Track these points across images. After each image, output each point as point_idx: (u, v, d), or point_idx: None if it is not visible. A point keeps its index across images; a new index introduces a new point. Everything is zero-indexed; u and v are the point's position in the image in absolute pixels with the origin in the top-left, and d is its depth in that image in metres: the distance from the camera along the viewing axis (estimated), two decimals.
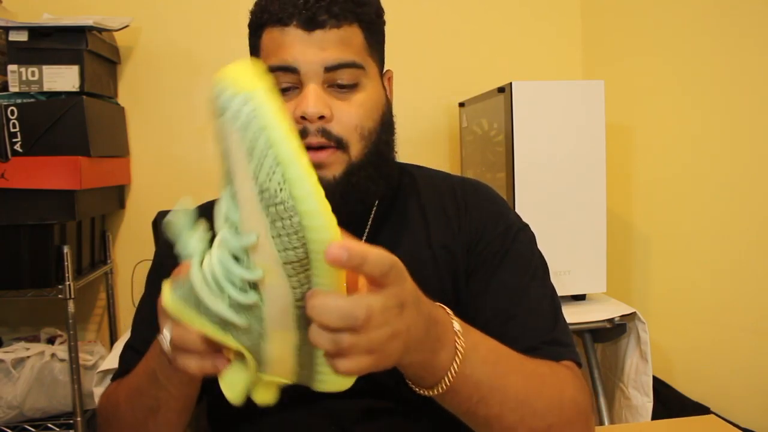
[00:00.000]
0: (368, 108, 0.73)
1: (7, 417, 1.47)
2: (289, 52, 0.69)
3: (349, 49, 0.71)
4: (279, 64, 0.70)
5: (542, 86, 1.40)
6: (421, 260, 0.77)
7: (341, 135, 0.70)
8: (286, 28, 0.69)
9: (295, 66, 0.69)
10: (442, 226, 0.80)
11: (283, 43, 0.70)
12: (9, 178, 1.35)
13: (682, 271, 1.48)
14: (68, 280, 1.40)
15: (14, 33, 1.41)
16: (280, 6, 0.69)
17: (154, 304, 0.77)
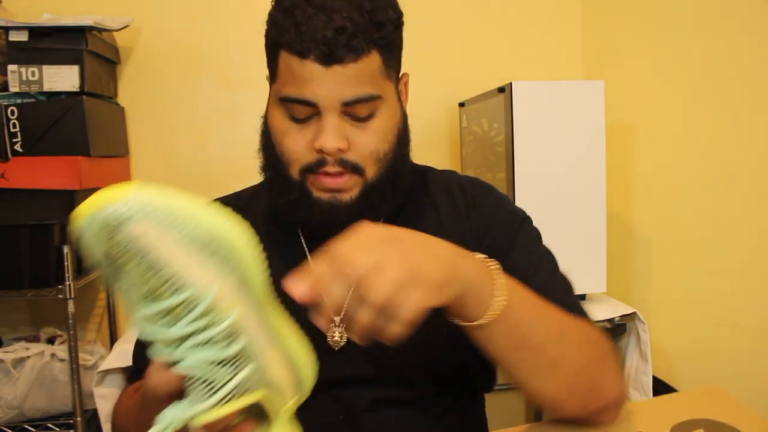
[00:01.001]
0: (384, 132, 0.74)
1: (7, 417, 1.48)
2: (307, 86, 0.69)
3: (367, 82, 0.71)
4: (297, 97, 0.70)
5: (542, 86, 1.40)
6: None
7: (358, 162, 0.73)
8: (304, 60, 0.69)
9: (313, 101, 0.70)
10: (453, 222, 0.82)
11: (301, 76, 0.69)
12: (9, 178, 1.35)
13: (682, 271, 1.48)
14: (68, 280, 1.40)
15: (14, 33, 1.41)
16: (298, 35, 0.68)
17: None
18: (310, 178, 0.73)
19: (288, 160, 0.73)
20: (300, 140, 0.72)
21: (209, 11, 1.78)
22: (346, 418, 0.75)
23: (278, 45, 0.71)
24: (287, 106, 0.72)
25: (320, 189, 0.73)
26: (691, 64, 1.44)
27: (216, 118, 1.81)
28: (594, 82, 1.42)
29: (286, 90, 0.71)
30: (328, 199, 0.73)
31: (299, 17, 0.68)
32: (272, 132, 0.75)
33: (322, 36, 0.67)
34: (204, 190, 1.03)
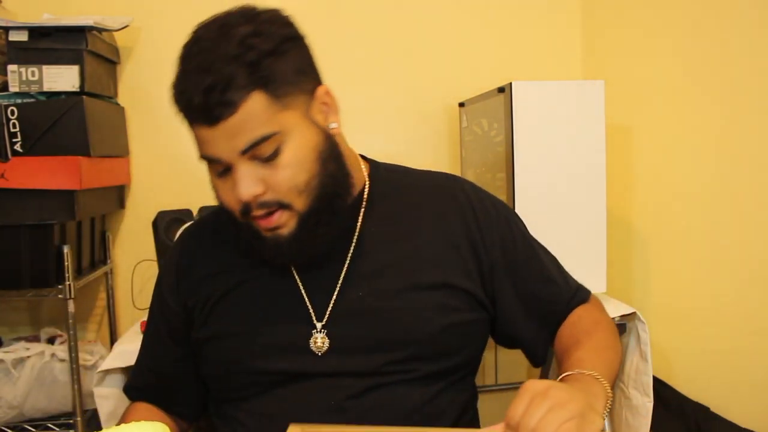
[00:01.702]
0: (298, 163, 0.74)
1: (7, 417, 1.47)
2: (207, 147, 0.74)
3: (256, 125, 0.71)
4: (205, 156, 0.76)
5: (542, 86, 1.40)
6: (420, 250, 0.83)
7: (279, 199, 0.74)
8: (195, 126, 0.74)
9: (215, 157, 0.74)
10: (436, 221, 0.86)
11: (200, 139, 0.74)
12: (9, 178, 1.35)
13: (682, 271, 1.48)
14: (68, 280, 1.40)
15: (14, 33, 1.41)
16: (184, 107, 0.74)
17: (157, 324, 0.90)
18: (251, 220, 0.77)
19: (228, 210, 0.78)
20: (227, 193, 0.76)
21: (209, 11, 1.78)
22: (333, 405, 0.78)
23: (184, 116, 0.76)
24: (208, 165, 0.77)
25: (264, 230, 0.77)
26: (691, 64, 1.43)
27: None
28: (594, 82, 1.42)
29: (199, 151, 0.76)
30: (271, 236, 0.76)
31: (180, 86, 0.74)
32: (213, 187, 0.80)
33: (198, 102, 0.70)
34: (203, 189, 1.03)
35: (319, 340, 0.79)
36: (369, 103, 1.84)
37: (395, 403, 0.79)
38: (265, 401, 0.81)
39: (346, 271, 0.82)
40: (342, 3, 1.82)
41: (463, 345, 0.85)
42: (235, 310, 0.83)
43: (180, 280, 0.88)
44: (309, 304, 0.81)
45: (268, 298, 0.83)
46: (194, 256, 0.89)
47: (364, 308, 0.80)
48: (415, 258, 0.83)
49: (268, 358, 0.80)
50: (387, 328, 0.79)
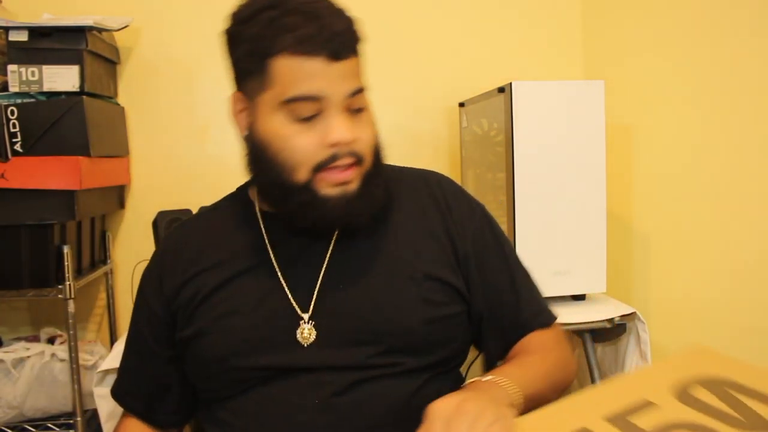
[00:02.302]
0: (373, 123, 0.82)
1: (7, 417, 1.48)
2: (317, 83, 0.74)
3: (361, 77, 0.79)
4: (306, 94, 0.74)
5: (542, 86, 1.40)
6: (403, 241, 0.85)
7: (362, 153, 0.78)
8: (312, 58, 0.73)
9: (321, 95, 0.74)
10: (417, 216, 0.88)
11: (309, 74, 0.73)
12: (9, 178, 1.35)
13: (682, 271, 1.48)
14: (68, 280, 1.40)
15: (14, 33, 1.41)
16: (305, 36, 0.72)
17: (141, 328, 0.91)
18: (318, 177, 0.76)
19: (296, 163, 0.76)
20: (309, 139, 0.75)
21: (209, 11, 1.78)
22: (319, 401, 0.78)
23: (270, 53, 0.74)
24: (292, 107, 0.74)
25: (329, 185, 0.77)
26: (691, 64, 1.44)
27: (216, 117, 1.81)
28: (594, 82, 1.42)
29: (290, 91, 0.74)
30: (337, 193, 0.77)
31: (292, 25, 0.72)
32: (272, 139, 0.77)
33: (329, 35, 0.73)
34: (203, 190, 1.04)
35: (306, 330, 0.79)
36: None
37: (380, 398, 0.79)
38: (250, 400, 0.81)
39: (327, 263, 0.83)
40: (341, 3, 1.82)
41: (447, 338, 0.85)
42: (219, 308, 0.83)
43: (163, 284, 0.88)
44: (292, 298, 0.81)
45: (252, 294, 0.83)
46: (176, 260, 0.89)
47: (348, 301, 0.81)
48: (397, 251, 0.84)
49: (254, 353, 0.80)
50: (370, 320, 0.80)
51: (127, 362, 0.94)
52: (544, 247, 1.40)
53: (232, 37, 0.78)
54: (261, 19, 0.74)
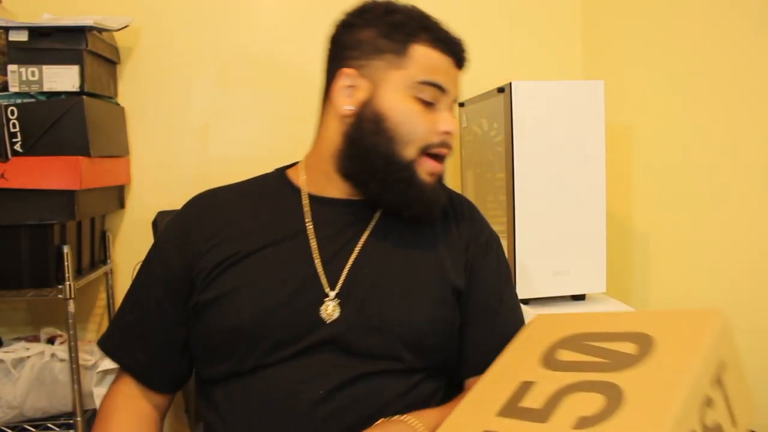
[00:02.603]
0: None
1: (7, 417, 1.48)
2: (444, 77, 0.88)
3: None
4: (437, 83, 0.87)
5: (542, 86, 1.40)
6: (428, 242, 0.92)
7: (452, 147, 0.91)
8: (446, 57, 0.88)
9: (445, 88, 0.88)
10: (444, 221, 0.95)
11: (442, 68, 0.87)
12: (9, 178, 1.35)
13: (682, 271, 1.48)
14: (68, 280, 1.40)
15: (14, 33, 1.41)
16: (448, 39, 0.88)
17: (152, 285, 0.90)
18: (421, 160, 0.87)
19: (411, 138, 0.85)
20: (426, 121, 0.86)
21: (209, 11, 1.78)
22: (325, 392, 0.79)
23: (413, 39, 0.86)
24: (421, 89, 0.86)
25: (426, 172, 0.87)
26: (691, 64, 1.44)
27: (216, 118, 1.81)
28: (594, 82, 1.42)
29: (425, 75, 0.86)
30: (431, 182, 0.88)
31: (432, 24, 0.88)
32: (394, 112, 0.85)
33: (459, 45, 0.90)
34: (204, 189, 1.03)
35: (330, 307, 0.82)
36: None
37: (377, 394, 0.80)
38: (253, 384, 0.81)
39: (360, 248, 0.87)
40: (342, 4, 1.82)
41: (448, 341, 0.88)
42: (247, 274, 0.84)
43: (188, 240, 0.88)
44: (323, 274, 0.84)
45: (284, 264, 0.85)
46: (205, 221, 0.90)
47: (372, 287, 0.84)
48: (423, 251, 0.90)
49: (276, 323, 0.81)
50: (388, 308, 0.83)
51: (127, 317, 0.92)
52: (544, 247, 1.40)
53: (360, 20, 0.89)
54: (403, 11, 0.88)
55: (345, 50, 0.89)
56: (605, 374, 0.66)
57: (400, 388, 0.82)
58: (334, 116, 0.89)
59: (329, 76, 0.91)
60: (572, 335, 0.76)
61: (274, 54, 1.80)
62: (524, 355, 0.77)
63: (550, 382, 0.68)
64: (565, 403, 0.64)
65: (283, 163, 1.06)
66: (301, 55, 1.81)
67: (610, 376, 0.66)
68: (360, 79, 0.87)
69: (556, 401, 0.65)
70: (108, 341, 0.93)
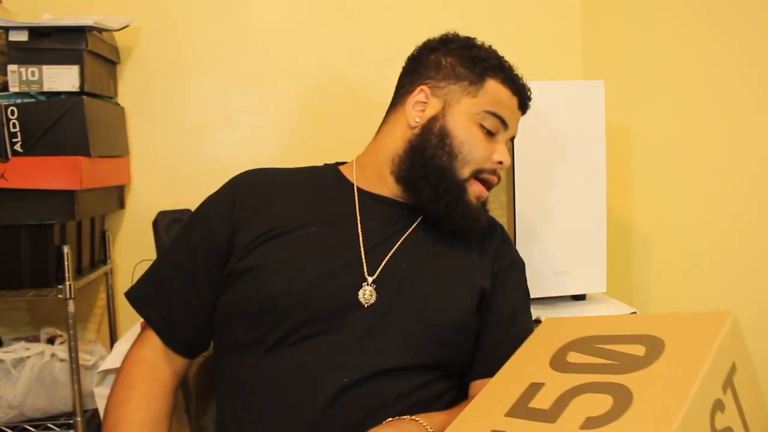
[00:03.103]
0: None
1: (7, 417, 1.48)
2: (510, 115, 0.97)
3: None
4: (501, 115, 0.96)
5: (542, 86, 1.40)
6: (464, 247, 0.98)
7: (501, 178, 0.99)
8: (515, 98, 0.98)
9: (507, 123, 0.97)
10: (482, 244, 1.01)
11: (508, 105, 0.97)
12: (9, 178, 1.35)
13: (683, 271, 1.48)
14: (68, 280, 1.40)
15: (14, 33, 1.41)
16: (515, 80, 0.98)
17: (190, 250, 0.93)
18: (472, 182, 0.94)
19: (468, 159, 0.93)
20: (485, 148, 0.94)
21: (209, 11, 1.78)
22: (350, 383, 0.81)
23: (490, 72, 0.95)
24: (487, 118, 0.94)
25: (473, 195, 0.95)
26: (691, 64, 1.44)
27: (216, 118, 1.81)
28: (594, 82, 1.42)
29: (494, 107, 0.95)
30: (475, 204, 0.96)
31: (506, 65, 0.98)
32: (459, 132, 0.94)
33: (526, 90, 1.00)
34: (203, 189, 1.03)
35: (368, 292, 0.86)
36: (370, 103, 1.84)
37: (389, 389, 0.82)
38: (273, 363, 0.83)
39: (402, 241, 0.93)
40: (342, 4, 1.82)
41: (467, 344, 0.92)
42: (290, 249, 0.87)
43: (235, 209, 0.92)
44: (364, 258, 0.89)
45: (328, 243, 0.89)
46: (254, 192, 0.94)
47: (407, 280, 0.89)
48: (458, 257, 0.97)
49: (313, 299, 0.84)
50: (420, 302, 0.88)
51: (161, 274, 0.96)
52: (544, 247, 1.40)
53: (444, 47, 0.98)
54: (482, 48, 0.99)
55: (425, 69, 0.98)
56: (614, 376, 0.66)
57: (412, 384, 0.84)
58: (402, 124, 0.98)
59: (405, 89, 1.00)
60: (581, 338, 0.76)
61: (273, 54, 1.80)
62: (534, 358, 0.77)
63: (558, 384, 0.69)
64: (574, 404, 0.64)
65: (284, 163, 1.06)
66: (301, 55, 1.81)
67: (619, 377, 0.66)
68: (433, 97, 0.96)
69: (565, 402, 0.65)
70: (137, 294, 0.98)
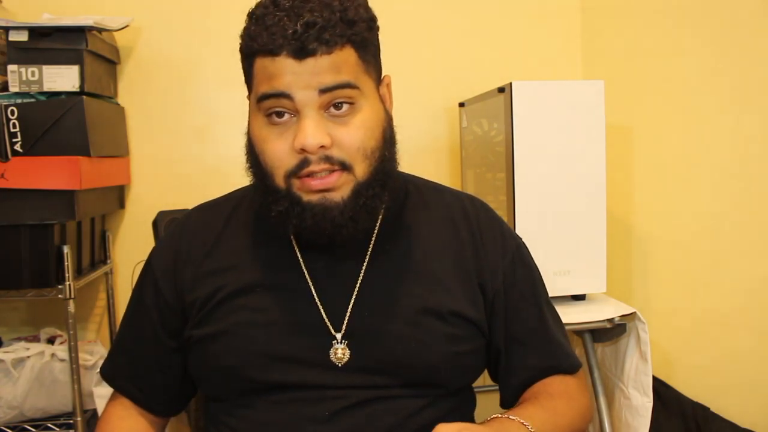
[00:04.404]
0: (368, 128, 0.73)
1: (7, 417, 1.48)
2: (282, 80, 0.70)
3: (343, 72, 0.71)
4: (272, 92, 0.70)
5: (542, 86, 1.40)
6: (435, 271, 0.82)
7: (344, 158, 0.72)
8: (277, 57, 0.69)
9: (288, 93, 0.70)
10: (455, 241, 0.84)
11: (275, 72, 0.70)
12: (9, 178, 1.35)
13: (682, 271, 1.48)
14: (68, 280, 1.40)
15: (14, 33, 1.41)
16: (269, 37, 0.69)
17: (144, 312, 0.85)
18: (296, 184, 0.72)
19: (272, 168, 0.73)
20: (280, 144, 0.72)
21: (209, 11, 1.78)
22: (331, 413, 0.76)
23: (253, 53, 0.73)
24: (264, 107, 0.72)
25: (309, 192, 0.72)
26: (690, 64, 1.44)
27: (216, 118, 1.81)
28: (594, 82, 1.42)
29: (261, 89, 0.71)
30: (318, 200, 0.72)
31: (269, 22, 0.70)
32: (255, 141, 0.75)
33: (292, 32, 0.68)
34: (204, 189, 1.04)
35: (339, 351, 0.77)
36: None
37: (390, 414, 0.77)
38: (259, 407, 0.78)
39: (360, 284, 0.79)
40: None
41: (464, 371, 0.84)
42: (242, 314, 0.78)
43: (179, 269, 0.82)
44: (325, 316, 0.78)
45: (281, 306, 0.78)
46: (198, 245, 0.83)
47: (377, 327, 0.78)
48: (427, 282, 0.81)
49: (282, 368, 0.76)
50: (396, 351, 0.78)
51: (125, 343, 0.88)
52: (544, 247, 1.40)
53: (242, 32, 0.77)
54: (248, 24, 0.74)
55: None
56: None
57: (413, 406, 0.78)
58: None
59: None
60: None
61: None
62: None
63: None
64: None
65: None
66: None
67: None
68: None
69: None
70: (111, 369, 0.89)
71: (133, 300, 0.88)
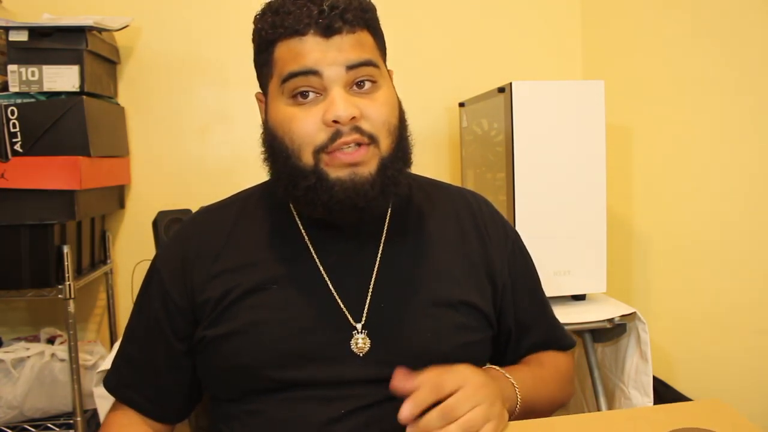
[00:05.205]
0: (390, 105, 0.76)
1: (7, 417, 1.48)
2: (310, 57, 0.72)
3: (365, 50, 0.74)
4: (300, 69, 0.72)
5: (542, 86, 1.40)
6: (444, 263, 0.84)
7: (372, 131, 0.74)
8: (304, 37, 0.72)
9: (317, 69, 0.72)
10: (460, 234, 0.87)
11: (303, 51, 0.72)
12: (9, 178, 1.35)
13: (682, 271, 1.48)
14: (68, 280, 1.40)
15: (14, 33, 1.41)
16: (295, 19, 0.72)
17: (151, 316, 0.84)
18: (325, 159, 0.73)
19: (299, 146, 0.73)
20: (309, 120, 0.72)
21: (209, 11, 1.78)
22: (347, 411, 0.76)
23: (273, 41, 0.74)
24: (290, 87, 0.73)
25: (338, 167, 0.73)
26: (690, 64, 1.44)
27: (216, 117, 1.82)
28: (594, 82, 1.42)
29: (288, 69, 0.73)
30: (347, 175, 0.72)
31: (292, 8, 0.72)
32: (278, 124, 0.75)
33: (318, 12, 0.71)
34: (204, 189, 1.04)
35: (360, 341, 0.77)
36: None
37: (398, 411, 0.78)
38: (275, 405, 0.77)
39: (377, 273, 0.80)
40: None
41: (473, 361, 0.83)
42: (256, 312, 0.78)
43: (187, 270, 0.81)
44: (344, 307, 0.78)
45: (297, 301, 0.78)
46: (207, 246, 0.83)
47: (394, 316, 0.79)
48: (439, 273, 0.82)
49: (300, 364, 0.76)
50: (411, 341, 0.79)
51: (131, 352, 0.86)
52: (544, 247, 1.40)
53: (255, 32, 0.78)
54: (265, 15, 0.76)
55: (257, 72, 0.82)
56: None
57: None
58: None
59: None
60: None
61: None
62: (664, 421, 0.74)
63: None
64: None
65: None
66: None
67: None
68: (263, 98, 0.82)
69: None
70: (116, 380, 0.87)
71: (138, 307, 0.87)
